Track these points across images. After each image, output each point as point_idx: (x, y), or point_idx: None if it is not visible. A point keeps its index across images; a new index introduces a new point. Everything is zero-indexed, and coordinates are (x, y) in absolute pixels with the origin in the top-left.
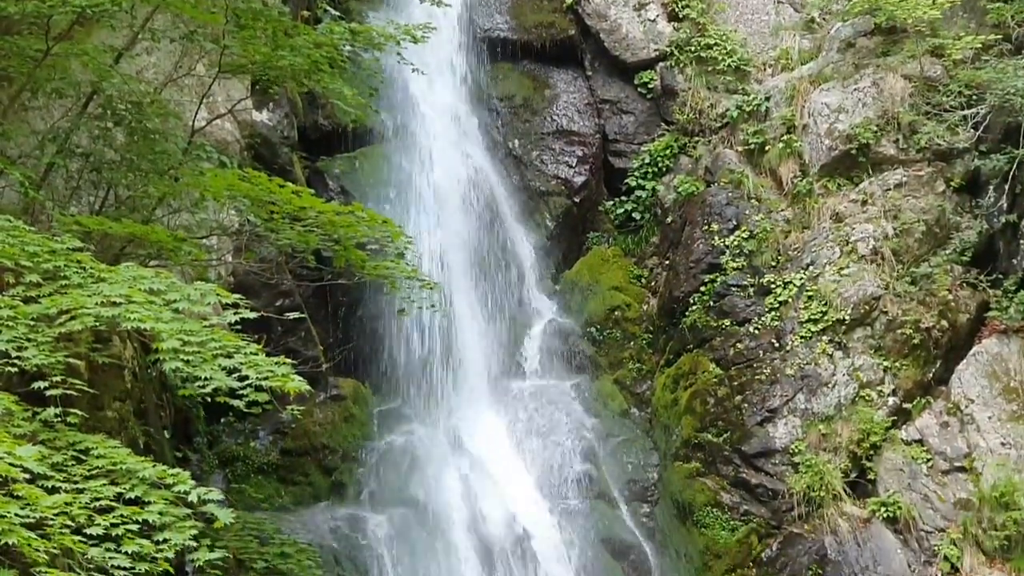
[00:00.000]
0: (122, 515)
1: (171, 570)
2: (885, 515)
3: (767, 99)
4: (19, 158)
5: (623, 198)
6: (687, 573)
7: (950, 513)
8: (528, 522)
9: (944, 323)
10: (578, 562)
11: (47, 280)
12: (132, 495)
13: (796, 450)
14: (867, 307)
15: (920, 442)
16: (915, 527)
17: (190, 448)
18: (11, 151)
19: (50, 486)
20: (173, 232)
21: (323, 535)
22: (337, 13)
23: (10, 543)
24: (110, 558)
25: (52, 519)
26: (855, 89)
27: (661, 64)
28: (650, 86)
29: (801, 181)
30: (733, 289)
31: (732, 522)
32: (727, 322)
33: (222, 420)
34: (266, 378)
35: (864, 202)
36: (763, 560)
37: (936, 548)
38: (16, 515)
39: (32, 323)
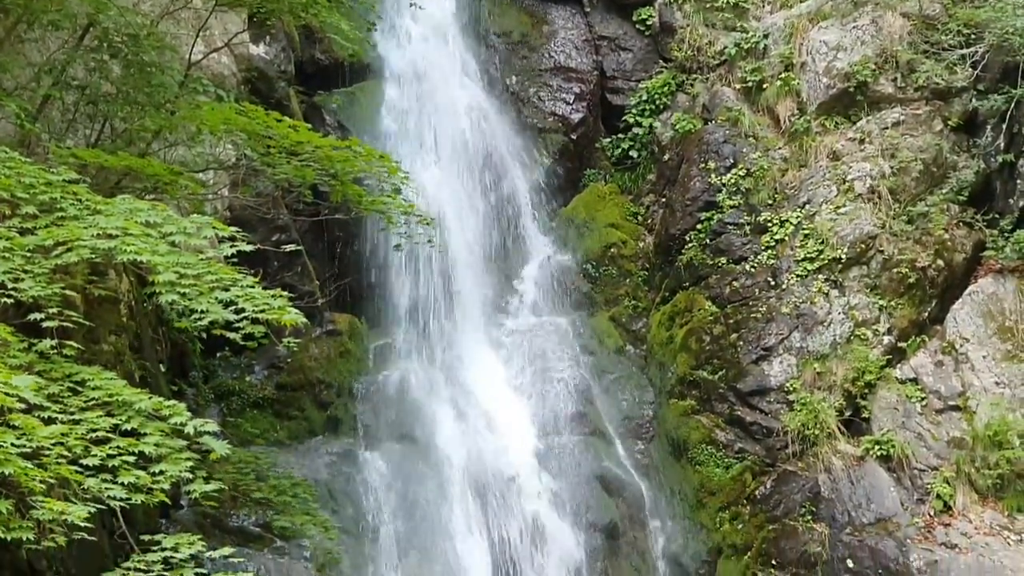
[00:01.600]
0: (118, 446)
1: (167, 501)
2: (879, 453)
3: (765, 37)
4: (15, 90)
5: (620, 135)
6: (681, 510)
7: (943, 452)
8: (522, 458)
9: (940, 262)
10: (572, 498)
11: (43, 212)
12: (128, 427)
13: (791, 388)
14: (863, 246)
15: (914, 381)
16: (908, 465)
17: (186, 382)
18: (7, 83)
19: (46, 417)
20: (169, 166)
21: (318, 470)
22: None
23: (7, 473)
24: (106, 489)
25: (49, 449)
26: (854, 27)
27: (660, 0)
28: (648, 23)
29: (799, 119)
30: (729, 227)
31: (726, 459)
32: (723, 260)
33: (218, 354)
34: (262, 311)
35: (861, 141)
36: (757, 497)
37: (929, 486)
38: (13, 445)
39: (28, 255)
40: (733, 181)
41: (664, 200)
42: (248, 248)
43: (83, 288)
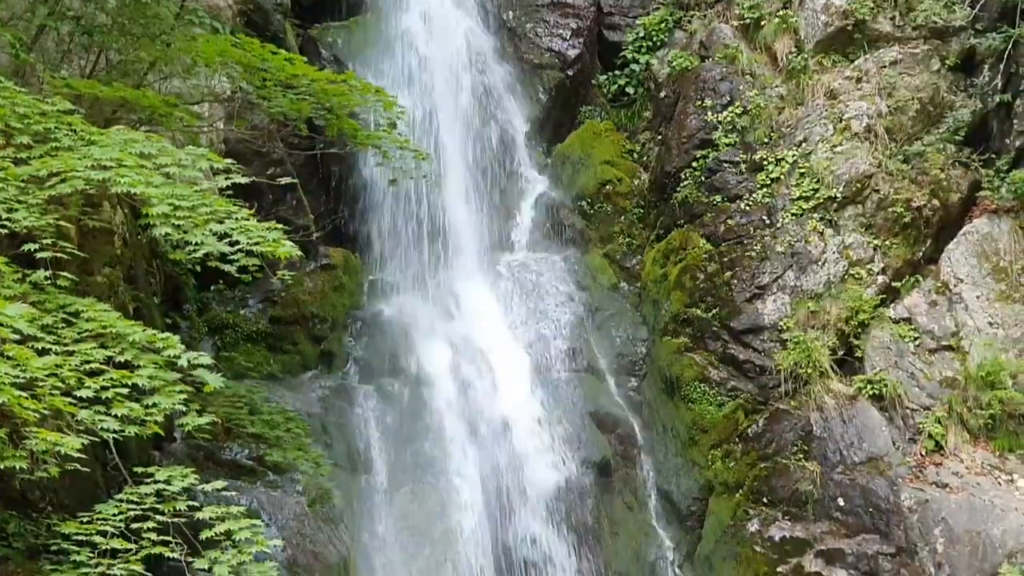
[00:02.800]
0: (112, 378)
1: (161, 433)
2: (871, 393)
3: None
4: (10, 20)
5: (617, 72)
6: (673, 447)
7: (936, 391)
8: (515, 394)
9: (935, 202)
10: (565, 434)
11: (37, 142)
12: (122, 359)
13: (784, 327)
14: (859, 185)
15: (908, 320)
16: (901, 405)
17: (180, 315)
18: (2, 12)
19: (40, 348)
20: (165, 97)
21: (311, 404)
22: None
23: (1, 402)
24: (100, 420)
25: (42, 380)
26: None
27: None
28: None
29: (796, 57)
30: (725, 165)
31: (719, 397)
32: (718, 198)
33: (212, 288)
34: (257, 243)
35: (859, 79)
36: (749, 435)
37: (921, 426)
38: (7, 375)
39: (22, 185)
40: (729, 119)
41: (660, 138)
42: (243, 181)
43: (77, 219)
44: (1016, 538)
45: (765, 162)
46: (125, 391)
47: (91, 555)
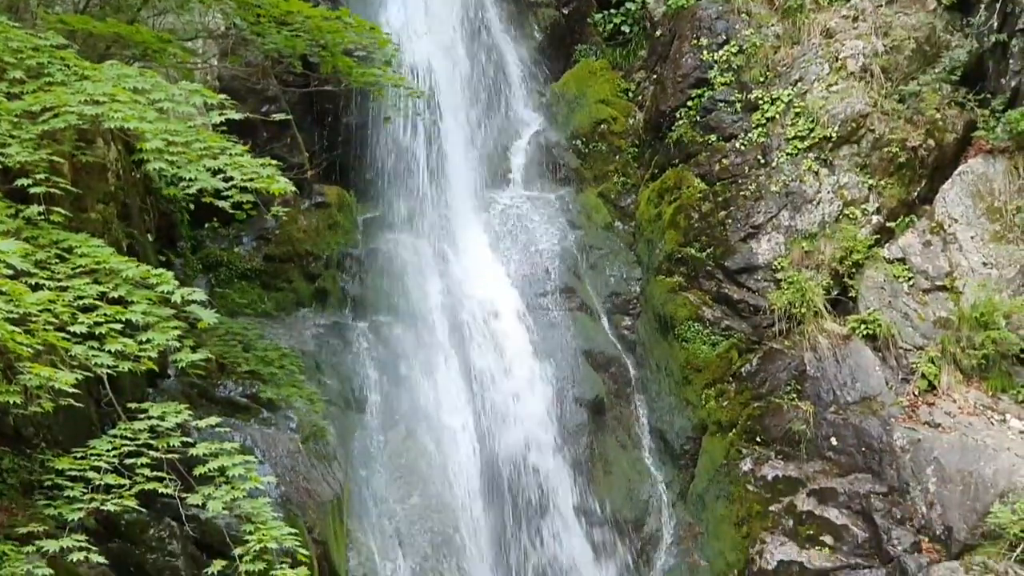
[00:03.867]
0: (105, 314)
1: (155, 369)
2: (865, 332)
3: None
4: None
5: (613, 10)
6: (667, 386)
7: (929, 331)
8: (509, 332)
9: (931, 142)
10: (559, 373)
11: (31, 77)
12: (115, 294)
13: (779, 266)
14: (854, 124)
15: (902, 260)
16: (894, 345)
17: (173, 252)
18: None
19: (34, 283)
20: (158, 33)
21: (305, 341)
22: None
23: None
24: (93, 356)
25: (36, 316)
26: None
27: None
28: None
29: None
30: (720, 104)
31: (713, 337)
32: (713, 137)
33: (206, 225)
34: (251, 179)
35: (855, 18)
36: (743, 375)
37: (914, 366)
38: (0, 310)
39: (15, 120)
40: (725, 58)
41: (655, 77)
42: (237, 116)
43: (70, 155)
44: (1008, 478)
45: (760, 101)
46: (119, 327)
47: (85, 490)
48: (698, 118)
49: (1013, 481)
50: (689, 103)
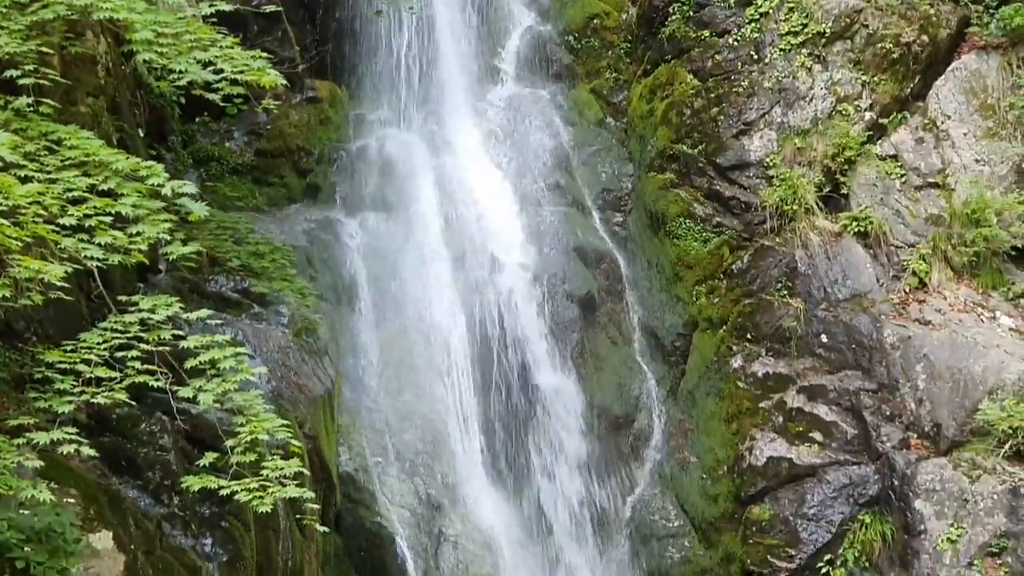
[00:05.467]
0: (95, 206)
1: (145, 262)
2: (856, 229)
3: None
4: None
5: None
6: (658, 282)
7: (921, 229)
8: (501, 228)
9: (924, 38)
10: (549, 269)
11: None
12: (105, 187)
13: (771, 163)
14: (848, 20)
15: (895, 157)
16: (885, 242)
17: (164, 147)
18: None
19: (23, 175)
20: None
21: (296, 237)
22: None
23: None
24: (83, 248)
25: (25, 208)
26: None
27: None
28: None
29: None
30: None
31: (704, 233)
32: (706, 33)
33: (196, 119)
34: (241, 72)
35: None
36: (734, 271)
37: (905, 263)
38: None
39: (3, 11)
40: None
41: None
42: (227, 8)
43: (60, 47)
44: (997, 375)
45: None
46: (108, 219)
47: (75, 384)
48: (691, 13)
49: (1002, 378)
50: None
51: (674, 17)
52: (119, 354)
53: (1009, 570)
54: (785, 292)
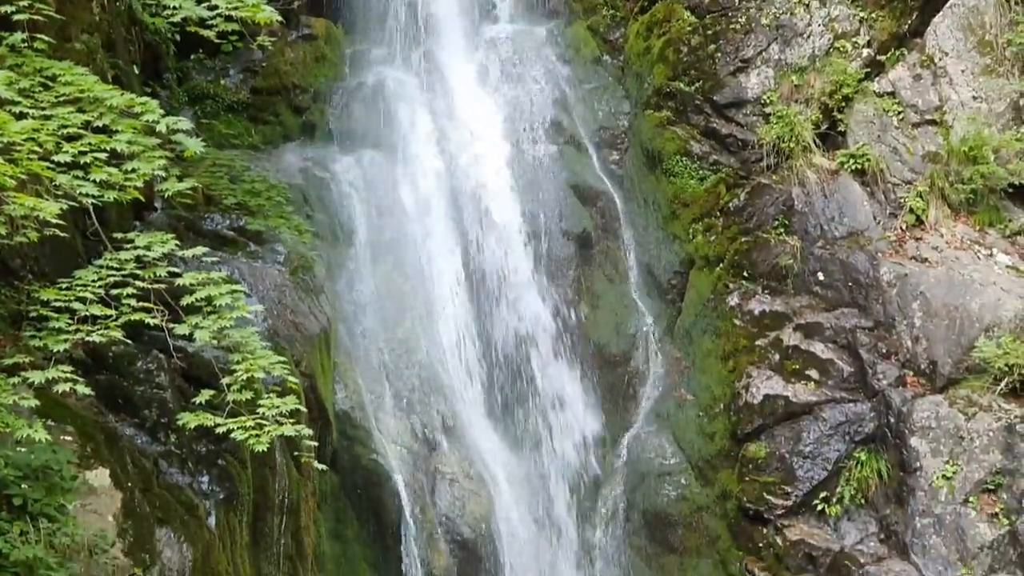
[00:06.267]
0: (90, 143)
1: (141, 199)
2: (853, 167)
3: None
4: None
5: None
6: (654, 220)
7: (918, 166)
8: (497, 166)
9: None
10: (546, 207)
11: None
12: (100, 123)
13: (768, 100)
14: None
15: (892, 94)
16: (882, 179)
17: (159, 84)
18: None
19: (17, 112)
20: None
21: (292, 175)
22: None
23: None
24: (78, 185)
25: (20, 145)
26: None
27: None
28: None
29: None
30: None
31: (701, 171)
32: None
33: (192, 57)
34: (236, 8)
35: None
36: (730, 209)
37: (902, 200)
38: None
39: None
40: None
41: None
42: None
43: None
44: (993, 312)
45: None
46: (104, 156)
47: (70, 321)
48: None
49: (998, 315)
50: None
51: None
52: (115, 292)
53: (1004, 507)
54: (782, 230)
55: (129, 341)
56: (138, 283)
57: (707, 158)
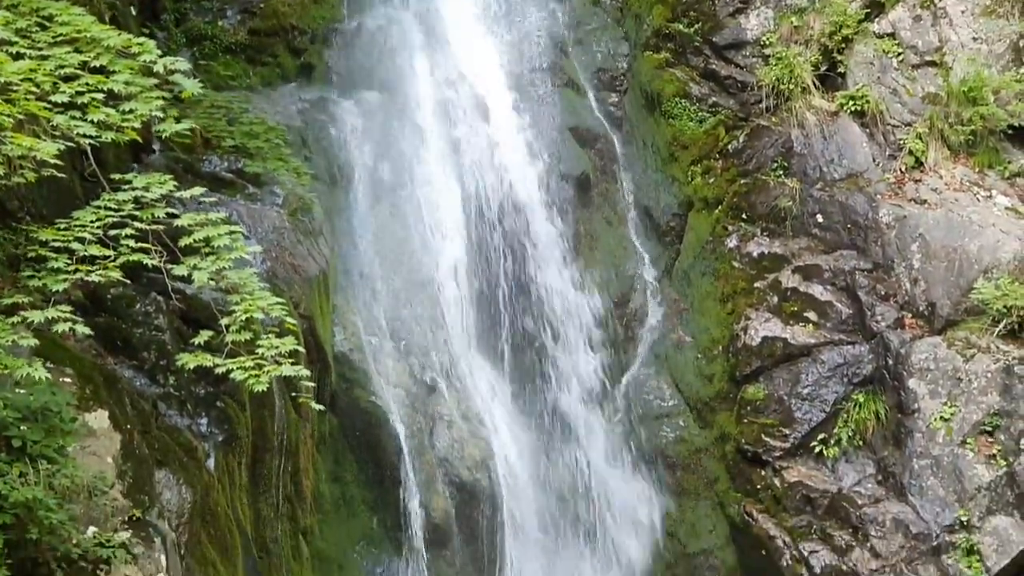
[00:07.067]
0: (87, 83)
1: (139, 140)
2: (853, 108)
3: None
4: None
5: None
6: (653, 162)
7: (917, 107)
8: (496, 108)
9: None
10: (545, 149)
11: None
12: (97, 64)
13: (767, 42)
14: None
15: (892, 35)
16: (882, 121)
17: (156, 25)
18: None
19: (14, 52)
20: None
21: (291, 117)
22: None
23: None
24: (75, 126)
25: (17, 85)
26: None
27: None
28: None
29: None
30: None
31: (700, 113)
32: None
33: None
34: None
35: None
36: (729, 151)
37: (901, 142)
38: None
39: None
40: None
41: None
42: None
43: None
44: (992, 253)
45: None
46: (101, 97)
47: (69, 262)
48: None
49: (997, 257)
50: None
51: None
52: (113, 232)
53: (1002, 448)
54: (781, 172)
55: (128, 281)
56: (136, 224)
57: (706, 100)
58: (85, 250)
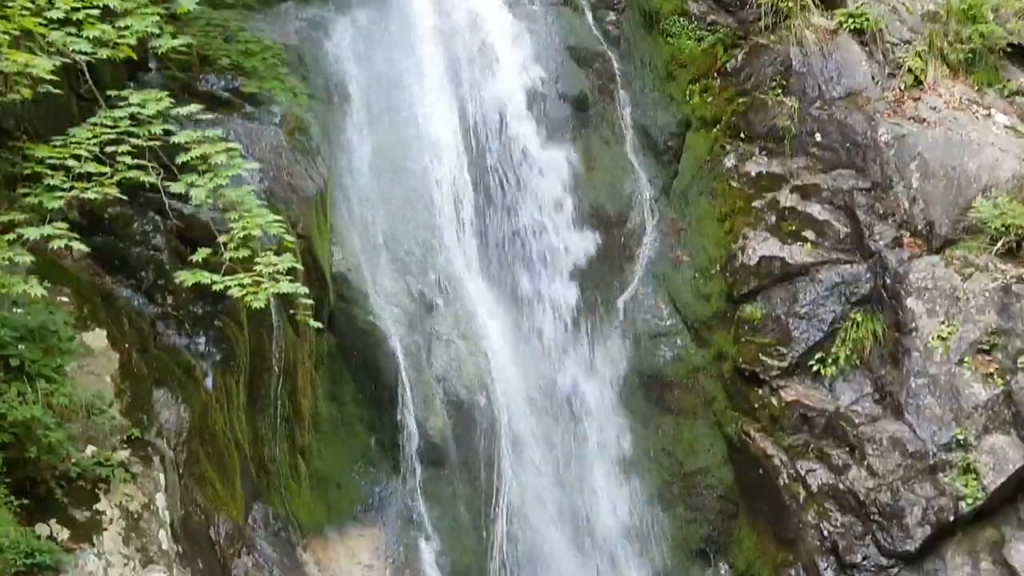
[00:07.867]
0: None
1: (134, 57)
2: (852, 27)
3: None
4: None
5: None
6: (651, 81)
7: (917, 25)
8: (492, 27)
9: None
10: (543, 68)
11: None
12: None
13: None
14: None
15: None
16: (881, 39)
17: None
18: None
19: None
20: None
21: (288, 35)
22: None
23: None
24: (71, 42)
25: (12, 1)
26: None
27: None
28: None
29: None
30: None
31: (698, 32)
32: None
33: None
34: None
35: None
36: (727, 70)
37: (901, 60)
38: None
39: None
40: None
41: None
42: None
43: None
44: (991, 172)
45: None
46: (96, 13)
47: (65, 179)
48: None
49: (996, 176)
50: None
51: None
52: (109, 149)
53: (999, 367)
54: (779, 91)
55: (125, 198)
56: (133, 140)
57: (704, 18)
58: (82, 167)
